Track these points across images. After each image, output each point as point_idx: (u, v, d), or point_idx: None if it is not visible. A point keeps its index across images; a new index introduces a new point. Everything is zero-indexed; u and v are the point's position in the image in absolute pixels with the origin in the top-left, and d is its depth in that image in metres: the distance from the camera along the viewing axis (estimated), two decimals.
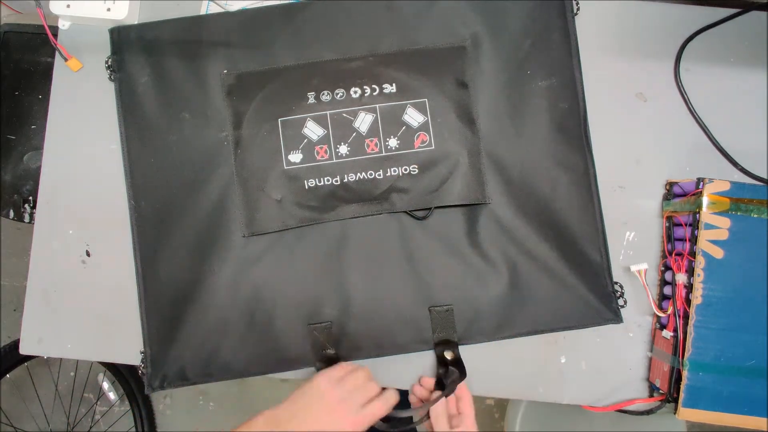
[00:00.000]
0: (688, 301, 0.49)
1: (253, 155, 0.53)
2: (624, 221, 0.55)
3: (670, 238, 0.52)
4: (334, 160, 0.53)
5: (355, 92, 0.53)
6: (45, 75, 0.58)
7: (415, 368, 0.54)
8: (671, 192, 0.54)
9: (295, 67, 0.54)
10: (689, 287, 0.49)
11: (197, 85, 0.54)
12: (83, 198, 0.56)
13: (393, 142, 0.53)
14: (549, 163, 0.54)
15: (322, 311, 0.53)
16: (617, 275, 0.54)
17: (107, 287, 0.55)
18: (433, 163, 0.53)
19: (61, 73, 0.57)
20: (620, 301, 0.53)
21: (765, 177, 0.54)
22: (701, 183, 0.49)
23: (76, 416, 1.17)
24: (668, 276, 0.52)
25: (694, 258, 0.48)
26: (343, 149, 0.53)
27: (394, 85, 0.53)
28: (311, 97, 0.53)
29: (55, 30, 0.57)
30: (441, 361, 0.53)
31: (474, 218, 0.54)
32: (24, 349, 0.55)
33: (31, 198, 0.66)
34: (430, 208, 0.53)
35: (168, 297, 0.53)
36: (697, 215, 0.48)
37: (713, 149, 0.55)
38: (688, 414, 0.48)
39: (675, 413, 0.48)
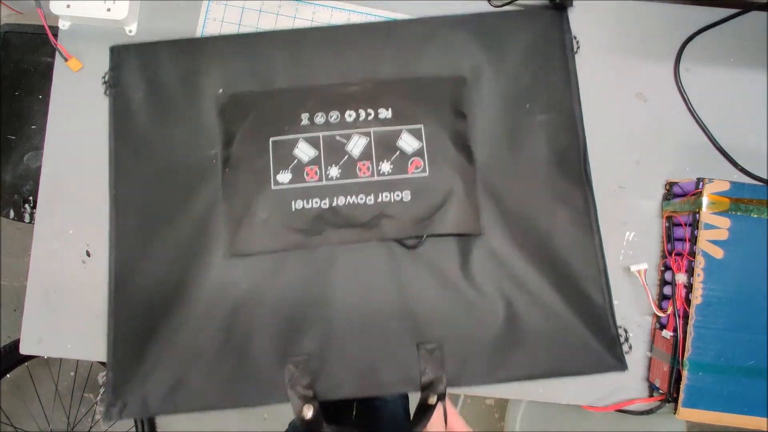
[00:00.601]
0: (687, 301, 0.49)
1: (241, 174, 0.52)
2: (624, 221, 0.55)
3: (670, 238, 0.52)
4: (324, 183, 0.51)
5: (350, 115, 0.52)
6: (45, 75, 0.58)
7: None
8: (671, 192, 0.54)
9: (291, 90, 0.54)
10: (689, 287, 0.49)
11: (191, 103, 0.54)
12: (83, 198, 0.56)
13: (386, 167, 0.51)
14: (547, 197, 0.53)
15: (302, 342, 0.50)
16: (617, 275, 0.54)
17: (107, 287, 0.55)
18: (426, 190, 0.51)
19: (61, 73, 0.57)
20: (624, 347, 0.52)
21: (765, 177, 0.54)
22: (701, 183, 0.49)
23: (76, 416, 1.17)
24: (668, 276, 0.52)
25: (694, 258, 0.48)
26: (334, 171, 0.51)
27: (390, 109, 0.52)
28: (305, 119, 0.52)
29: (55, 30, 0.57)
30: (423, 406, 0.48)
31: (468, 249, 0.52)
32: (24, 349, 0.55)
33: (31, 198, 0.66)
34: (421, 237, 0.51)
35: (139, 314, 0.51)
36: (697, 215, 0.48)
37: (713, 149, 0.55)
38: (688, 414, 0.48)
39: (675, 413, 0.48)
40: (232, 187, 0.52)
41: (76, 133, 0.57)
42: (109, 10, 0.55)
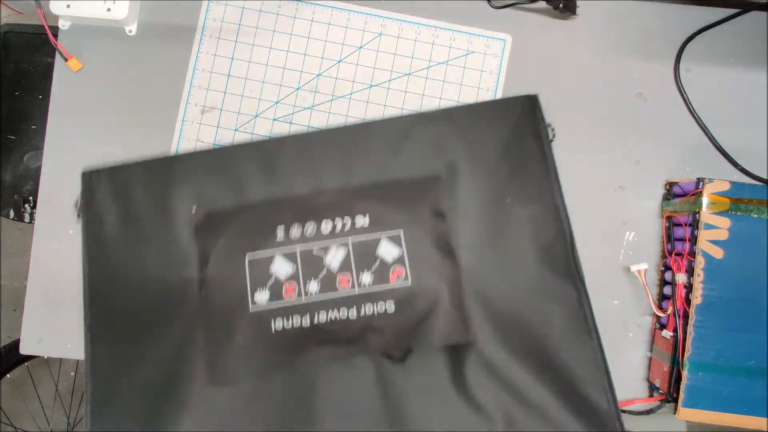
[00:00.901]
0: (688, 301, 0.49)
1: (218, 297, 0.50)
2: (624, 221, 0.55)
3: (670, 238, 0.52)
4: (304, 300, 0.49)
5: (327, 225, 0.51)
6: (45, 75, 0.58)
7: None
8: (671, 192, 0.54)
9: (265, 203, 0.52)
10: (689, 287, 0.49)
11: (165, 225, 0.52)
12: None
13: (366, 278, 0.50)
14: (538, 295, 0.50)
15: None
16: (617, 275, 0.54)
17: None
18: (410, 300, 0.49)
19: (61, 73, 0.57)
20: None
21: (765, 177, 0.54)
22: (701, 183, 0.49)
23: (76, 416, 1.17)
24: (668, 276, 0.52)
25: (694, 258, 0.48)
26: (313, 287, 0.50)
27: (367, 216, 0.51)
28: (280, 232, 0.51)
29: (55, 30, 0.57)
30: None
31: (460, 359, 0.49)
32: (24, 349, 0.55)
33: (31, 198, 0.66)
34: (409, 351, 0.48)
35: None
36: (697, 215, 0.48)
37: (713, 149, 0.55)
38: (688, 414, 0.48)
39: (675, 413, 0.48)
40: (210, 312, 0.50)
41: (76, 133, 0.57)
42: (109, 10, 0.55)
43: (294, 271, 0.50)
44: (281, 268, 0.50)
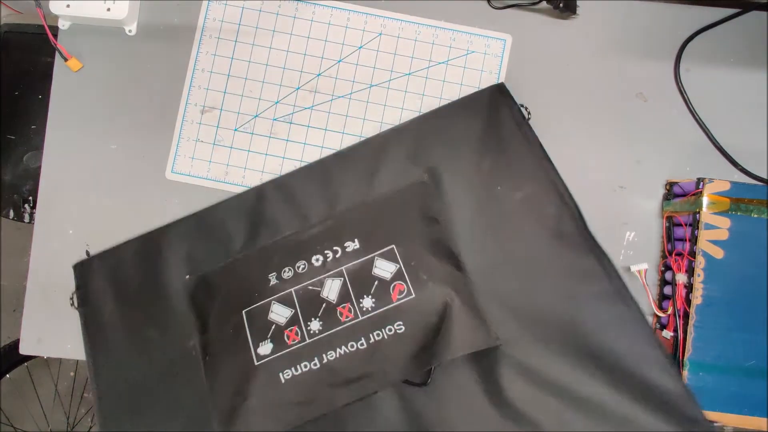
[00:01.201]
0: (688, 301, 0.49)
1: (222, 359, 0.48)
2: (624, 221, 0.55)
3: (670, 238, 0.52)
4: (308, 341, 0.47)
5: (317, 260, 0.49)
6: (45, 75, 0.58)
7: None
8: (671, 192, 0.54)
9: (253, 254, 0.51)
10: (689, 287, 0.49)
11: (161, 298, 0.51)
12: (83, 198, 0.56)
13: (368, 303, 0.47)
14: (558, 278, 0.46)
15: None
16: None
17: None
18: (419, 313, 0.45)
19: (61, 73, 0.57)
20: None
21: (765, 177, 0.54)
22: (701, 183, 0.49)
23: (76, 416, 1.17)
24: (668, 276, 0.52)
25: (694, 258, 0.48)
26: (315, 326, 0.47)
27: (356, 240, 0.49)
28: (273, 278, 0.49)
29: (55, 30, 0.57)
30: None
31: (488, 368, 0.44)
32: (24, 349, 0.55)
33: (31, 198, 0.66)
34: (430, 370, 0.44)
35: None
36: (697, 215, 0.48)
37: (713, 149, 0.55)
38: None
39: None
40: (216, 376, 0.48)
41: (76, 133, 0.57)
42: (109, 10, 0.55)
43: (293, 313, 0.48)
44: (279, 313, 0.48)
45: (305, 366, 0.46)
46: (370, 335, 0.46)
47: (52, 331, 0.55)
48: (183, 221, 0.54)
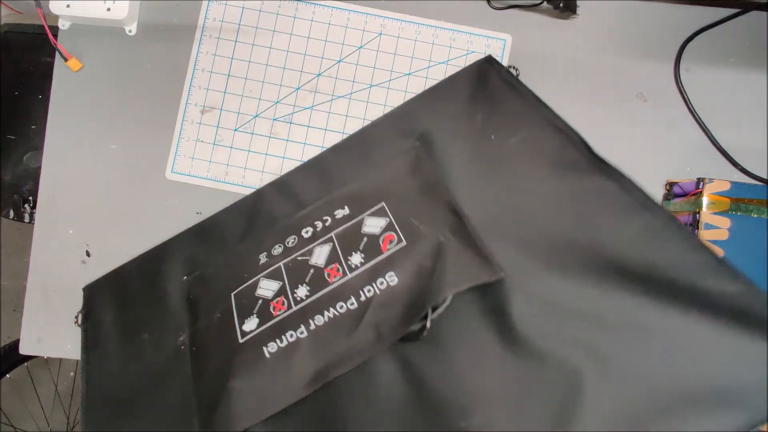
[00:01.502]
0: None
1: (207, 346, 0.45)
2: None
3: None
4: (294, 308, 0.42)
5: (307, 232, 0.47)
6: (45, 75, 0.58)
7: None
8: (671, 192, 0.54)
9: (249, 243, 0.50)
10: None
11: (158, 303, 0.50)
12: (83, 198, 0.56)
13: (356, 259, 0.43)
14: (570, 202, 0.41)
15: None
16: None
17: None
18: (411, 260, 0.41)
19: (61, 73, 0.57)
20: None
21: (765, 177, 0.54)
22: (701, 183, 0.49)
23: (76, 416, 1.17)
24: None
25: None
26: (302, 292, 0.43)
27: (346, 207, 0.47)
28: (263, 257, 0.48)
29: (55, 30, 0.57)
30: None
31: (499, 307, 0.38)
32: (24, 349, 0.55)
33: (31, 198, 0.66)
34: (425, 317, 0.37)
35: None
36: (697, 215, 0.48)
37: (713, 149, 0.55)
38: None
39: None
40: (201, 364, 0.45)
41: (76, 133, 0.57)
42: (109, 9, 0.55)
43: (280, 285, 0.45)
44: (267, 288, 0.45)
45: (291, 336, 0.41)
46: (360, 292, 0.41)
47: (52, 331, 0.55)
48: (183, 233, 0.54)
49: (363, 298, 0.41)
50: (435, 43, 0.57)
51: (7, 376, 0.99)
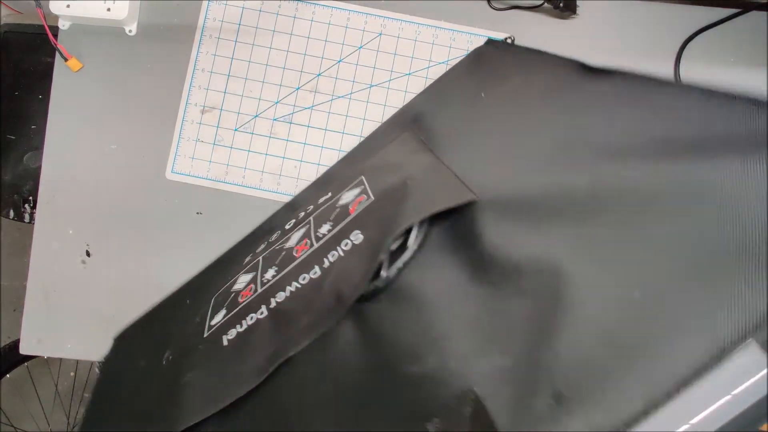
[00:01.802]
0: None
1: (180, 349, 0.42)
2: None
3: None
4: (259, 291, 0.39)
5: (290, 223, 0.46)
6: (45, 75, 0.58)
7: None
8: None
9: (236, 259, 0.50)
10: None
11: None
12: (83, 198, 0.56)
13: (325, 228, 0.38)
14: (557, 113, 0.37)
15: None
16: None
17: (107, 287, 0.55)
18: (377, 210, 0.36)
19: (61, 73, 0.57)
20: None
21: None
22: None
23: (76, 416, 1.17)
24: None
25: None
26: (270, 273, 0.39)
27: (329, 192, 0.45)
28: (247, 258, 0.47)
29: (55, 30, 0.57)
30: None
31: (470, 232, 0.31)
32: (24, 349, 0.55)
33: (31, 198, 0.66)
34: (378, 270, 0.32)
35: None
36: None
37: None
38: None
39: None
40: (173, 369, 0.41)
41: (76, 133, 0.57)
42: (109, 9, 0.55)
43: (253, 275, 0.42)
44: (242, 281, 0.42)
45: (251, 319, 0.37)
46: (324, 259, 0.36)
47: (52, 331, 0.55)
48: (202, 273, 0.53)
49: (327, 264, 0.35)
50: (435, 43, 0.57)
51: (7, 376, 0.99)
